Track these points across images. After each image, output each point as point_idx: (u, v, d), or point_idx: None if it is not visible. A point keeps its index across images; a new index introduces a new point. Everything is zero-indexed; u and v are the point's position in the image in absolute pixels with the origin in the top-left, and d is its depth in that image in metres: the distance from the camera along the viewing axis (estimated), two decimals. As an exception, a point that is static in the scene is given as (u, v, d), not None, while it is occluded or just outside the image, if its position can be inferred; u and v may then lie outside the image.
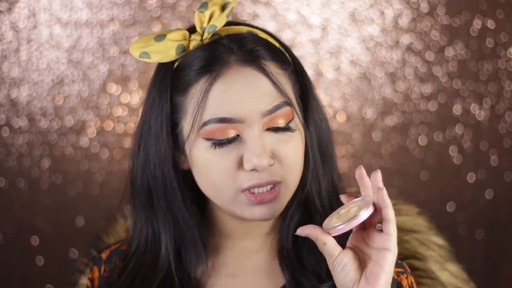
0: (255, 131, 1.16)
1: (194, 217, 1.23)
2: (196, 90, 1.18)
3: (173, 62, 1.22)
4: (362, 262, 1.11)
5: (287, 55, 1.25)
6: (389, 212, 1.09)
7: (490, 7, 2.44)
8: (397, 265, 1.24)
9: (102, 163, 2.43)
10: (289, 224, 1.25)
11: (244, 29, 1.24)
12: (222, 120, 1.16)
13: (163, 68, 1.23)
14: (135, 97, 2.43)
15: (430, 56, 2.45)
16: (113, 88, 2.42)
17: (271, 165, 1.16)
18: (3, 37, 2.39)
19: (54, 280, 2.38)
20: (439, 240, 1.47)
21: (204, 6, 1.20)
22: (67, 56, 2.40)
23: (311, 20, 2.43)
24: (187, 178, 1.23)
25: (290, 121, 1.19)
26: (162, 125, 1.21)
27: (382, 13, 2.44)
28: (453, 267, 1.46)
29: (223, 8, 1.20)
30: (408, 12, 2.44)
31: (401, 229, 1.41)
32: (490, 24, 2.45)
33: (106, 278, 1.30)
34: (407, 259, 1.37)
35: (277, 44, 1.24)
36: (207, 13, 1.19)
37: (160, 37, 1.20)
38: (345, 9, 2.43)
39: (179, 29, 1.22)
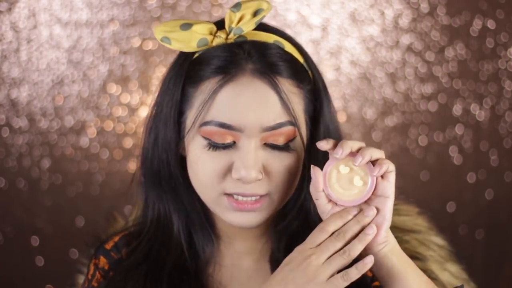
0: (251, 143, 1.17)
1: (199, 202, 1.24)
2: (206, 88, 1.19)
3: (193, 52, 1.22)
4: None
5: (309, 72, 1.24)
6: (390, 166, 1.11)
7: (490, 7, 2.44)
8: None
9: (102, 163, 2.44)
10: (281, 235, 1.26)
11: (272, 38, 1.22)
12: (222, 125, 1.17)
13: (183, 56, 1.23)
14: (135, 97, 2.43)
15: (430, 56, 2.45)
16: (113, 88, 2.43)
17: (259, 180, 1.16)
18: (3, 37, 2.39)
19: (54, 281, 2.38)
20: (439, 240, 1.47)
21: (237, 6, 1.20)
22: (67, 56, 2.40)
23: (311, 20, 2.43)
24: None
25: (290, 141, 1.19)
26: (171, 110, 1.22)
27: (382, 13, 2.44)
28: (453, 267, 1.45)
29: (255, 13, 1.20)
30: (408, 12, 2.44)
31: (401, 229, 1.41)
32: (490, 24, 2.45)
33: (118, 260, 1.30)
34: (407, 259, 1.36)
35: (301, 60, 1.23)
36: (238, 15, 1.19)
37: (186, 26, 1.19)
38: (345, 9, 2.43)
39: (207, 22, 1.21)
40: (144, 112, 2.43)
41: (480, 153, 2.48)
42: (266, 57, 1.19)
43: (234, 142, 1.18)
